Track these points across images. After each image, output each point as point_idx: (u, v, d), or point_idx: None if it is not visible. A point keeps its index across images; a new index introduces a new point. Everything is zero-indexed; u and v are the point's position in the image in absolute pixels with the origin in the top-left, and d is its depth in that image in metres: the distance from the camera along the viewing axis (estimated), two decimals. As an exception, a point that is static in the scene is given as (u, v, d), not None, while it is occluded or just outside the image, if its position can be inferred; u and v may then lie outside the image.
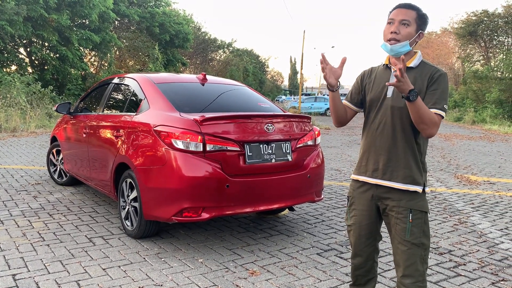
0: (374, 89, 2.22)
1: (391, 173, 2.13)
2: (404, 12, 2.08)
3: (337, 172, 7.64)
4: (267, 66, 65.23)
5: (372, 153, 2.20)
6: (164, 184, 3.46)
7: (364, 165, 2.24)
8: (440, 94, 2.04)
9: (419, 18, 2.09)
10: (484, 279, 3.21)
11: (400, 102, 2.09)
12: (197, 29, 39.58)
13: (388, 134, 2.14)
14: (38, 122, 13.90)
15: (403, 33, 2.06)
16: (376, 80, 2.24)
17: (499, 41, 30.26)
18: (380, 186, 2.17)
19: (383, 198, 2.17)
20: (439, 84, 2.05)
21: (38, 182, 5.99)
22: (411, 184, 2.11)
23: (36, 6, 16.87)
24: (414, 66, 2.12)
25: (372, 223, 2.26)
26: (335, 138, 14.23)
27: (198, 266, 3.29)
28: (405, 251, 2.11)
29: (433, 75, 2.06)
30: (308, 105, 30.65)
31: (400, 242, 2.13)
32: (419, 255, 2.10)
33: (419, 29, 2.09)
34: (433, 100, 2.03)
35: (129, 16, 24.84)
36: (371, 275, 2.37)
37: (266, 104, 4.50)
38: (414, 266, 2.10)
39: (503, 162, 9.49)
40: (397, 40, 2.06)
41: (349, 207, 2.34)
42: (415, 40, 2.10)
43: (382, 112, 2.17)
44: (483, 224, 4.60)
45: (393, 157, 2.13)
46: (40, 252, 3.47)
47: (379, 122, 2.17)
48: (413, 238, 2.09)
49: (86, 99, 5.63)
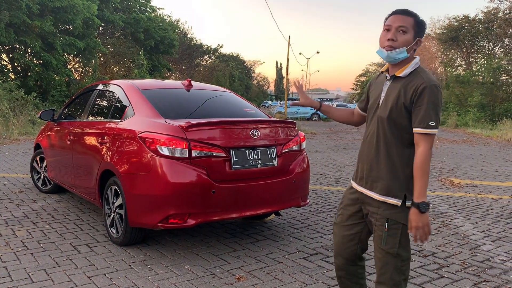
0: (373, 97, 2.22)
1: (371, 183, 2.12)
2: (402, 18, 2.03)
3: (322, 176, 7.69)
4: (253, 72, 65.47)
5: (361, 161, 2.22)
6: (150, 190, 3.45)
7: (355, 172, 2.28)
8: (425, 111, 1.94)
9: (417, 24, 2.04)
10: (466, 280, 3.27)
11: (384, 113, 2.07)
12: (183, 35, 39.53)
13: (373, 144, 2.12)
14: (21, 129, 13.69)
15: (401, 40, 2.02)
16: (376, 88, 2.23)
17: (480, 46, 30.90)
18: (363, 193, 2.19)
19: (366, 203, 2.18)
20: (423, 99, 1.95)
21: (21, 190, 5.91)
22: (388, 196, 2.06)
23: (19, 13, 16.67)
24: (404, 76, 2.05)
25: (355, 225, 2.25)
26: (321, 143, 14.33)
27: (185, 273, 3.28)
28: (380, 258, 2.10)
29: (417, 89, 1.97)
30: (294, 110, 30.80)
31: (376, 249, 2.12)
32: (394, 265, 2.06)
33: (417, 36, 2.04)
34: (418, 119, 1.96)
35: (113, 22, 24.67)
36: (356, 280, 2.34)
37: (252, 110, 4.53)
38: (388, 275, 2.07)
39: (485, 165, 9.67)
40: (393, 47, 2.02)
41: (339, 205, 2.38)
42: (412, 47, 2.04)
43: (373, 121, 2.16)
44: (465, 226, 4.68)
45: (374, 168, 2.11)
46: (23, 261, 3.42)
47: (369, 131, 2.18)
48: (388, 247, 2.06)
49: (71, 106, 5.58)
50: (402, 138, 2.04)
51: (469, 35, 29.66)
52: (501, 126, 19.52)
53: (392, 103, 2.04)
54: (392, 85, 2.09)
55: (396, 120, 2.03)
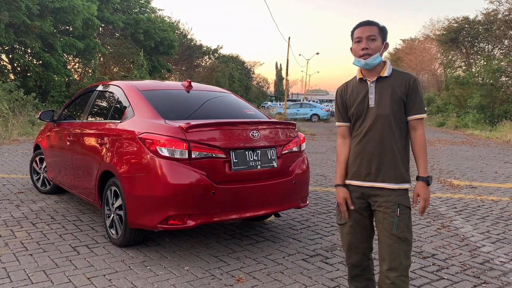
0: (356, 102, 2.38)
1: (384, 175, 2.30)
2: (368, 28, 2.30)
3: (322, 177, 7.69)
4: (253, 72, 65.49)
5: (364, 159, 2.36)
6: (149, 191, 3.45)
7: (355, 171, 2.40)
8: (420, 99, 2.29)
9: (381, 31, 2.31)
10: (466, 282, 3.26)
11: (385, 110, 2.29)
12: (182, 35, 39.54)
13: (376, 140, 2.31)
14: (20, 129, 13.69)
15: (373, 47, 2.28)
16: (354, 94, 2.41)
17: (479, 47, 30.90)
18: (374, 187, 2.34)
19: (373, 195, 2.34)
20: (417, 90, 2.29)
21: (20, 191, 5.90)
22: (402, 183, 2.30)
23: (19, 13, 16.65)
24: (388, 75, 2.32)
25: (365, 218, 2.41)
26: (320, 144, 14.33)
27: (184, 274, 3.28)
28: (390, 245, 2.26)
29: (409, 82, 2.29)
30: (294, 111, 30.81)
31: (386, 236, 2.27)
32: (403, 250, 2.25)
33: (383, 40, 2.32)
34: (415, 107, 2.29)
35: (113, 22, 24.66)
36: (368, 275, 2.48)
37: (252, 111, 4.53)
38: (399, 260, 2.24)
39: (484, 166, 9.67)
40: (369, 54, 2.28)
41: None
42: (383, 51, 2.32)
43: (368, 121, 2.34)
44: (465, 228, 4.68)
45: (384, 161, 2.30)
46: (23, 262, 3.42)
47: (366, 130, 2.34)
48: (399, 232, 2.24)
49: (70, 107, 5.58)
50: (400, 129, 2.31)
51: (469, 36, 29.66)
52: (501, 127, 19.51)
53: (389, 100, 2.28)
54: (379, 85, 2.32)
55: (396, 114, 2.29)
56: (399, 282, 2.23)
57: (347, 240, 2.45)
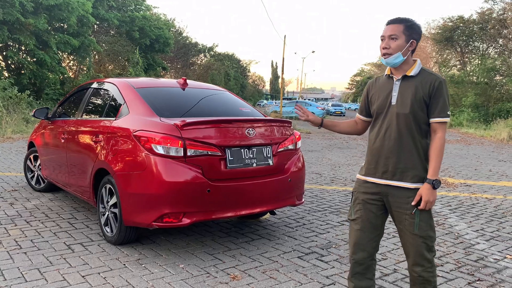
0: (380, 98, 2.42)
1: (401, 174, 2.32)
2: (391, 27, 2.31)
3: (317, 175, 7.70)
4: (249, 71, 65.36)
5: (381, 157, 2.38)
6: (144, 189, 3.44)
7: (372, 168, 2.42)
8: (443, 103, 2.26)
9: (407, 29, 2.29)
10: (460, 280, 3.28)
11: (405, 109, 2.30)
12: (178, 33, 39.41)
13: (395, 138, 2.33)
14: (14, 127, 13.60)
15: (393, 47, 2.29)
16: (380, 90, 2.44)
17: (474, 46, 31.02)
18: (389, 185, 2.35)
19: (391, 194, 2.35)
20: (441, 93, 2.26)
21: (14, 189, 5.87)
22: (419, 183, 2.29)
23: (13, 10, 16.53)
24: (414, 74, 2.31)
25: (377, 217, 2.42)
26: (316, 142, 14.34)
27: (179, 272, 3.27)
28: (413, 243, 2.31)
29: (434, 84, 2.26)
30: (290, 110, 30.79)
31: (409, 235, 2.31)
32: (426, 246, 2.30)
33: (409, 39, 2.29)
34: (437, 110, 2.27)
35: (108, 20, 24.54)
36: (369, 275, 2.47)
37: (247, 109, 4.52)
38: (423, 256, 2.30)
39: (479, 164, 9.72)
40: (389, 54, 2.31)
41: (353, 202, 2.49)
42: (407, 49, 2.30)
43: (388, 118, 2.36)
44: (459, 226, 4.70)
45: (401, 160, 2.32)
46: (17, 260, 3.40)
47: (386, 128, 2.37)
48: (421, 231, 2.28)
49: (65, 104, 5.55)
50: (421, 129, 2.31)
51: (464, 35, 29.77)
52: (495, 126, 19.62)
53: (411, 99, 2.28)
54: (403, 84, 2.33)
55: (416, 113, 2.28)
56: (425, 274, 2.32)
57: (355, 236, 2.44)
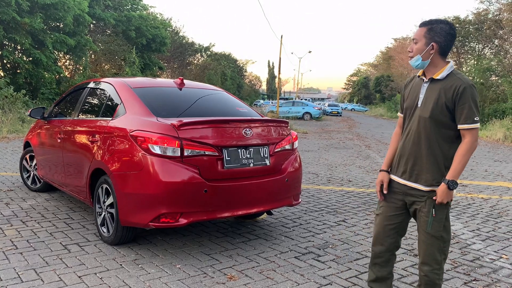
0: (409, 98, 2.48)
1: (416, 176, 2.39)
2: (417, 31, 2.37)
3: (314, 175, 7.71)
4: (245, 71, 65.40)
5: (403, 157, 2.46)
6: (141, 189, 3.43)
7: (395, 166, 2.53)
8: (469, 109, 2.23)
9: (428, 32, 2.31)
10: (457, 279, 3.29)
11: (426, 113, 2.32)
12: (174, 33, 39.34)
13: (415, 140, 2.39)
14: (10, 127, 13.53)
15: (414, 50, 2.36)
16: (412, 90, 2.49)
17: (470, 47, 31.18)
18: (409, 186, 2.42)
19: (409, 194, 2.42)
20: (465, 99, 2.22)
21: (10, 189, 5.84)
22: (433, 186, 2.33)
23: (8, 9, 16.45)
24: (441, 78, 2.32)
25: (397, 216, 2.51)
26: (313, 142, 14.36)
27: (176, 272, 3.27)
28: (425, 241, 2.39)
29: (458, 90, 2.24)
30: (286, 109, 30.82)
31: (422, 233, 2.39)
32: (438, 246, 2.36)
33: (430, 42, 2.30)
34: (463, 116, 2.24)
35: (104, 19, 24.47)
36: (389, 270, 2.61)
37: (244, 109, 4.52)
38: (432, 256, 2.37)
39: (475, 165, 9.76)
40: (411, 57, 2.38)
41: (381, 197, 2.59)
42: (428, 52, 2.31)
43: (413, 120, 2.42)
44: (456, 226, 4.72)
45: (417, 162, 2.38)
46: (12, 260, 3.38)
47: (409, 128, 2.44)
48: (434, 231, 2.34)
49: (61, 104, 5.53)
50: (442, 134, 2.31)
51: (460, 36, 29.89)
52: (491, 126, 19.71)
53: (433, 103, 2.30)
54: (430, 87, 2.36)
55: (437, 118, 2.29)
56: (432, 275, 2.38)
57: (376, 230, 2.60)
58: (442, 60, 2.34)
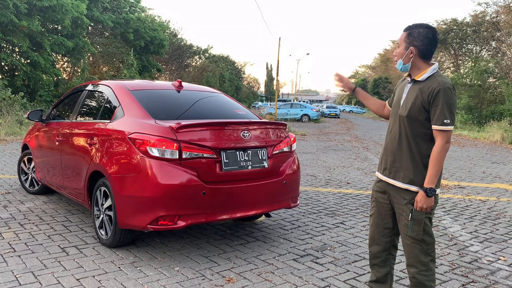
0: (396, 97, 2.57)
1: (395, 173, 2.46)
2: (400, 36, 2.46)
3: (312, 178, 7.71)
4: (244, 73, 65.45)
5: (385, 154, 2.55)
6: (139, 192, 3.43)
7: (379, 163, 2.62)
8: (440, 110, 2.25)
9: (407, 36, 2.39)
10: (454, 281, 3.30)
11: (404, 112, 2.40)
12: (173, 35, 39.35)
13: (395, 138, 2.47)
14: (8, 129, 13.50)
15: (397, 54, 2.47)
16: (399, 89, 2.58)
17: (467, 49, 31.27)
18: (388, 183, 2.48)
19: (391, 194, 2.48)
20: (438, 101, 2.26)
21: (8, 191, 5.83)
22: (410, 185, 2.38)
23: (6, 11, 16.43)
24: (422, 80, 2.37)
25: (388, 214, 2.55)
26: (311, 144, 14.37)
27: (174, 275, 3.27)
28: (407, 244, 2.41)
29: (433, 91, 2.28)
30: (284, 111, 30.84)
31: (403, 236, 2.43)
32: (420, 249, 2.38)
33: (409, 46, 2.38)
34: (435, 117, 2.29)
35: (103, 21, 24.47)
36: (388, 270, 2.63)
37: (242, 111, 4.52)
38: (417, 258, 2.39)
39: (472, 166, 9.78)
40: (395, 61, 2.48)
41: (371, 198, 2.66)
42: (407, 56, 2.39)
43: (394, 118, 2.51)
44: (453, 228, 4.73)
45: (397, 159, 2.45)
46: (10, 263, 3.38)
47: (391, 126, 2.54)
48: (414, 234, 2.37)
49: (59, 106, 5.53)
50: (420, 133, 2.36)
51: (457, 38, 30.01)
52: (488, 128, 19.76)
53: (411, 103, 2.37)
54: (412, 87, 2.43)
55: (414, 118, 2.36)
56: (419, 276, 2.39)
57: (371, 231, 2.65)
58: (425, 62, 2.39)
